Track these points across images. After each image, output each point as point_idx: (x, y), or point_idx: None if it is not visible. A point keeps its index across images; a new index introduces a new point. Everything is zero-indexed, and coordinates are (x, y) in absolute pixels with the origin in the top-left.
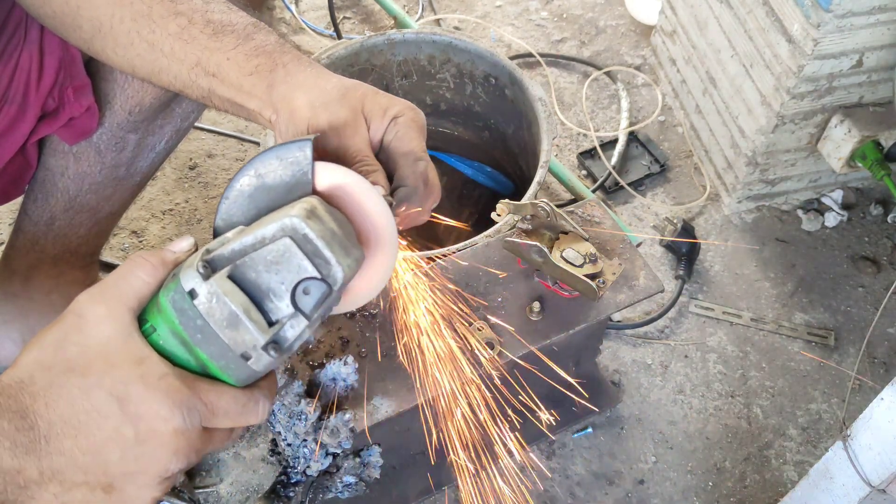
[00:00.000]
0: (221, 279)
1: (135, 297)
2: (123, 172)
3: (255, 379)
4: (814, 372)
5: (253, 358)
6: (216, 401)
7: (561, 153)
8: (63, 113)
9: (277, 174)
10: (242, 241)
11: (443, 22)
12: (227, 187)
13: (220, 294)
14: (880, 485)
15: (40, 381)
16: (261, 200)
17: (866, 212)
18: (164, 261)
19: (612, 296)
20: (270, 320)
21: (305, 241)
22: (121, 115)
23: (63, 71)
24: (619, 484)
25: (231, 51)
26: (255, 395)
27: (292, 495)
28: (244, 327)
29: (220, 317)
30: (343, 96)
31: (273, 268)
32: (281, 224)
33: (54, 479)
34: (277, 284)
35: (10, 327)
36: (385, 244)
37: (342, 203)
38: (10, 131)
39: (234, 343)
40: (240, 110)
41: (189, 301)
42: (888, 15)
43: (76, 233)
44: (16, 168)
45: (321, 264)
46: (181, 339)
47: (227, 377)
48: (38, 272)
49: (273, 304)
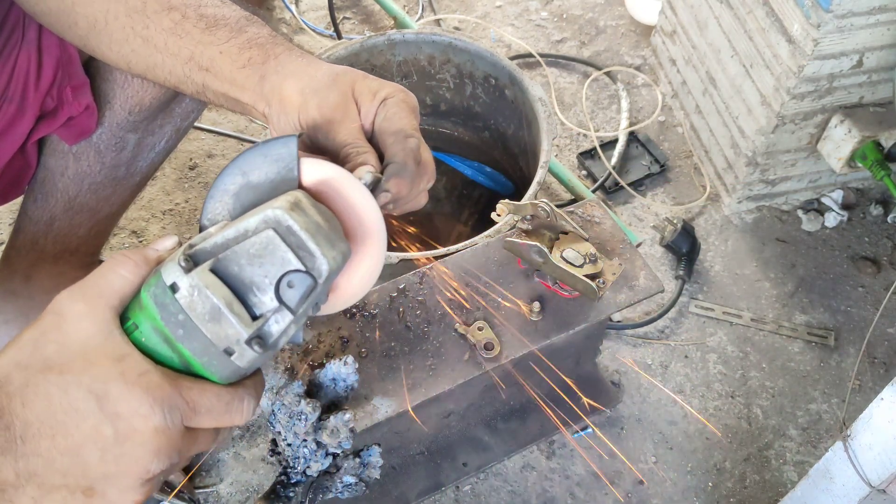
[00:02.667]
0: (203, 272)
1: (116, 295)
2: (123, 172)
3: (240, 376)
4: (814, 372)
5: (236, 353)
6: (199, 398)
7: (561, 153)
8: (62, 112)
9: (262, 171)
10: (225, 234)
11: (443, 22)
12: (212, 186)
13: (202, 287)
14: (880, 485)
15: (17, 380)
16: (246, 198)
17: (866, 212)
18: (146, 258)
19: (612, 296)
20: (254, 314)
21: (289, 232)
22: (120, 115)
23: (61, 70)
24: (619, 484)
25: (224, 44)
26: (239, 393)
27: (292, 495)
28: (226, 321)
29: (201, 311)
30: (333, 81)
31: (256, 261)
32: (264, 216)
33: (32, 482)
34: (261, 278)
35: (10, 327)
36: (373, 240)
37: (329, 198)
38: (10, 130)
39: (217, 338)
40: (234, 105)
41: (170, 295)
42: (888, 15)
43: (76, 233)
44: (16, 169)
45: (306, 257)
46: (163, 335)
47: (210, 374)
48: (38, 272)
49: (257, 297)
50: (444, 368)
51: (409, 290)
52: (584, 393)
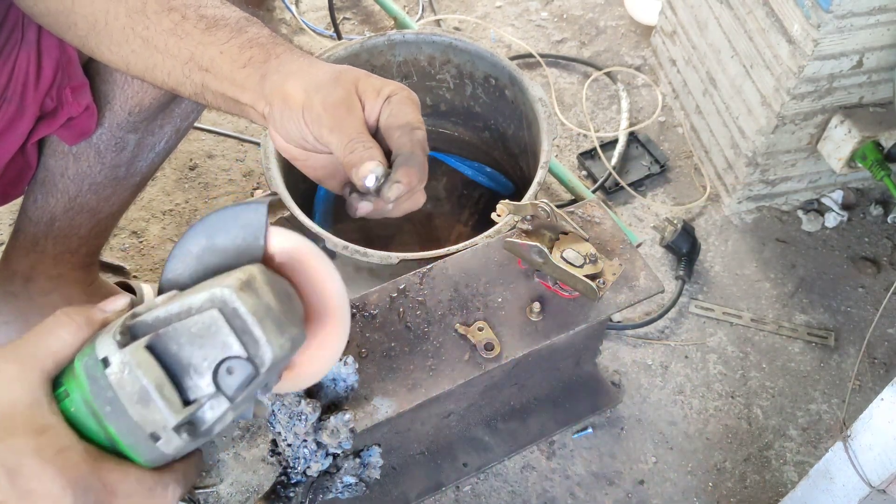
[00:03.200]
0: (137, 349)
1: (51, 359)
2: (123, 172)
3: (167, 462)
4: (814, 372)
5: (163, 439)
6: (118, 482)
7: (561, 153)
8: (62, 113)
9: (229, 236)
10: (169, 308)
11: (443, 22)
12: (177, 243)
13: (133, 365)
14: (880, 485)
15: None
16: (209, 262)
17: (866, 212)
18: (90, 320)
19: (612, 296)
20: (188, 399)
21: (235, 315)
22: (120, 116)
23: (61, 71)
24: (619, 484)
25: (224, 44)
26: (164, 479)
27: (292, 496)
28: (154, 405)
29: (130, 390)
30: (336, 79)
31: (197, 341)
32: (211, 294)
33: None
34: (200, 360)
35: (9, 328)
36: (336, 318)
37: (294, 271)
38: (10, 130)
39: (144, 421)
40: (233, 106)
41: (101, 369)
42: (888, 15)
43: (76, 233)
44: (16, 169)
45: (249, 342)
46: (92, 409)
47: (135, 456)
48: (38, 273)
49: (193, 381)
50: (444, 368)
51: (409, 290)
52: (584, 393)
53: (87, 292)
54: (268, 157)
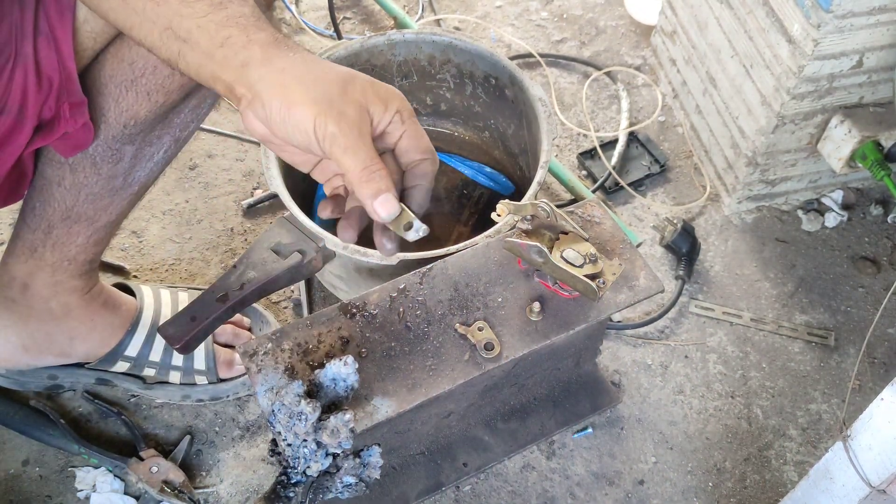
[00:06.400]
0: None
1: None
2: (121, 183)
3: None
4: (814, 372)
5: None
6: None
7: (561, 153)
8: (59, 127)
9: None
10: None
11: (443, 22)
12: None
13: None
14: (880, 485)
15: None
16: None
17: (866, 212)
18: None
19: (612, 296)
20: None
21: None
22: (116, 128)
23: (59, 86)
24: (619, 484)
25: (202, 18)
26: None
27: (292, 495)
28: None
29: None
30: (344, 91)
31: None
32: None
33: None
34: None
35: (8, 331)
36: None
37: None
38: (8, 142)
39: None
40: (209, 78)
41: None
42: (888, 15)
43: (74, 241)
44: (13, 179)
45: None
46: None
47: None
48: (36, 280)
49: None
50: (444, 368)
51: (409, 290)
52: (584, 393)
53: (86, 299)
54: (268, 157)
